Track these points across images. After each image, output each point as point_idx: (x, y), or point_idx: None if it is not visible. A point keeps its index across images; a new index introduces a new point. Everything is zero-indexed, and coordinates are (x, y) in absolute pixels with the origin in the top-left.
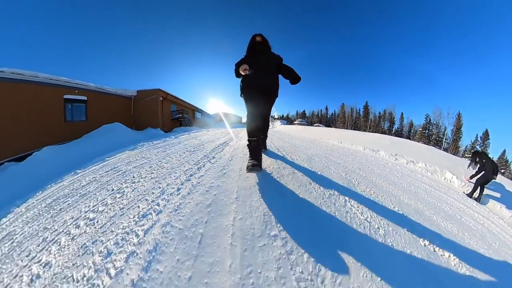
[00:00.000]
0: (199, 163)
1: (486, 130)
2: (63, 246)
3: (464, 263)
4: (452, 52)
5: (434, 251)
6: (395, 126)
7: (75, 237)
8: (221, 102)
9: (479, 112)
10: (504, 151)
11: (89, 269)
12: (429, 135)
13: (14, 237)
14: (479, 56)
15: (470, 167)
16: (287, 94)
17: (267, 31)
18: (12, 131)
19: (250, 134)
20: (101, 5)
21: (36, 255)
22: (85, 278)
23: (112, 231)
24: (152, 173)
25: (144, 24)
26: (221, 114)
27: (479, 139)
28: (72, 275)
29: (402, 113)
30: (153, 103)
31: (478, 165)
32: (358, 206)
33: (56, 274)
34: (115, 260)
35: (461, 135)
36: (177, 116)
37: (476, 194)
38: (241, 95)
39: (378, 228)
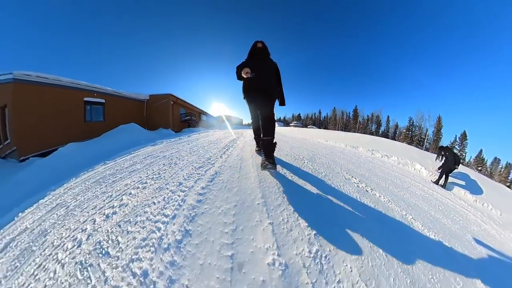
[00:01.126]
0: (225, 148)
1: (464, 131)
2: (135, 194)
3: (395, 203)
4: (436, 59)
5: (367, 191)
6: (382, 128)
7: (146, 187)
8: (223, 105)
9: (458, 115)
10: (481, 150)
11: (167, 194)
12: (412, 136)
13: (68, 204)
14: (460, 63)
15: (437, 160)
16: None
17: (267, 38)
18: (37, 129)
19: (254, 133)
20: (111, 11)
21: (104, 205)
22: (165, 199)
23: (178, 177)
24: (191, 153)
25: (151, 32)
26: (223, 117)
27: (457, 139)
28: (153, 201)
29: (388, 116)
30: (165, 106)
31: (444, 158)
32: (312, 165)
33: (135, 206)
34: (186, 184)
35: (441, 136)
36: (186, 118)
37: (441, 182)
38: (244, 98)
39: (324, 175)
